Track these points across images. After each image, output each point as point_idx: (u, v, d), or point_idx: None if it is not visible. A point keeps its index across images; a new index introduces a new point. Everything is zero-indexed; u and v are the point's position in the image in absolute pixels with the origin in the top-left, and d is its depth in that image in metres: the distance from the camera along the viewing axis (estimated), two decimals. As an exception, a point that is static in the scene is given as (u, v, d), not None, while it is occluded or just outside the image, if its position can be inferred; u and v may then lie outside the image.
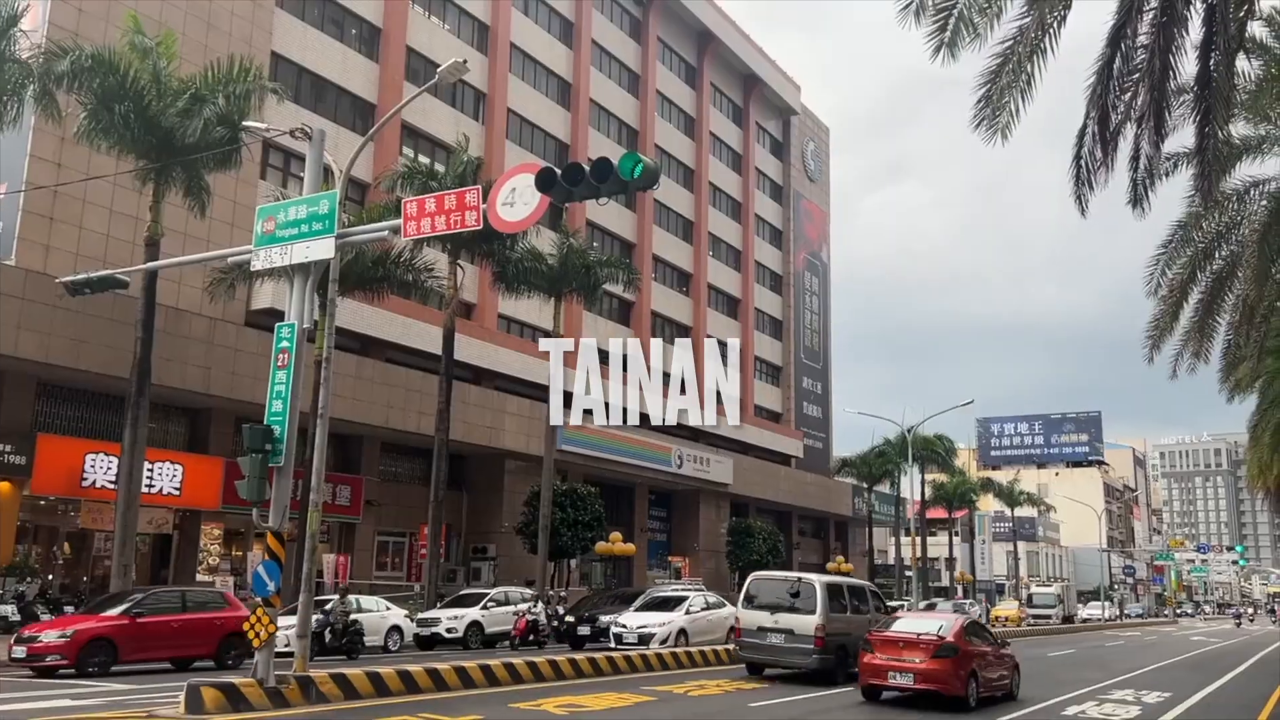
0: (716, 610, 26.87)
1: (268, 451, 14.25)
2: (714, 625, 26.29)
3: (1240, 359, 23.64)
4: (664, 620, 24.60)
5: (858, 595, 20.97)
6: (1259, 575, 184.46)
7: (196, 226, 27.26)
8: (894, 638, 16.14)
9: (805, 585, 19.32)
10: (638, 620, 24.64)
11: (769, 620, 18.84)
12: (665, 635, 23.98)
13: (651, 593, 28.95)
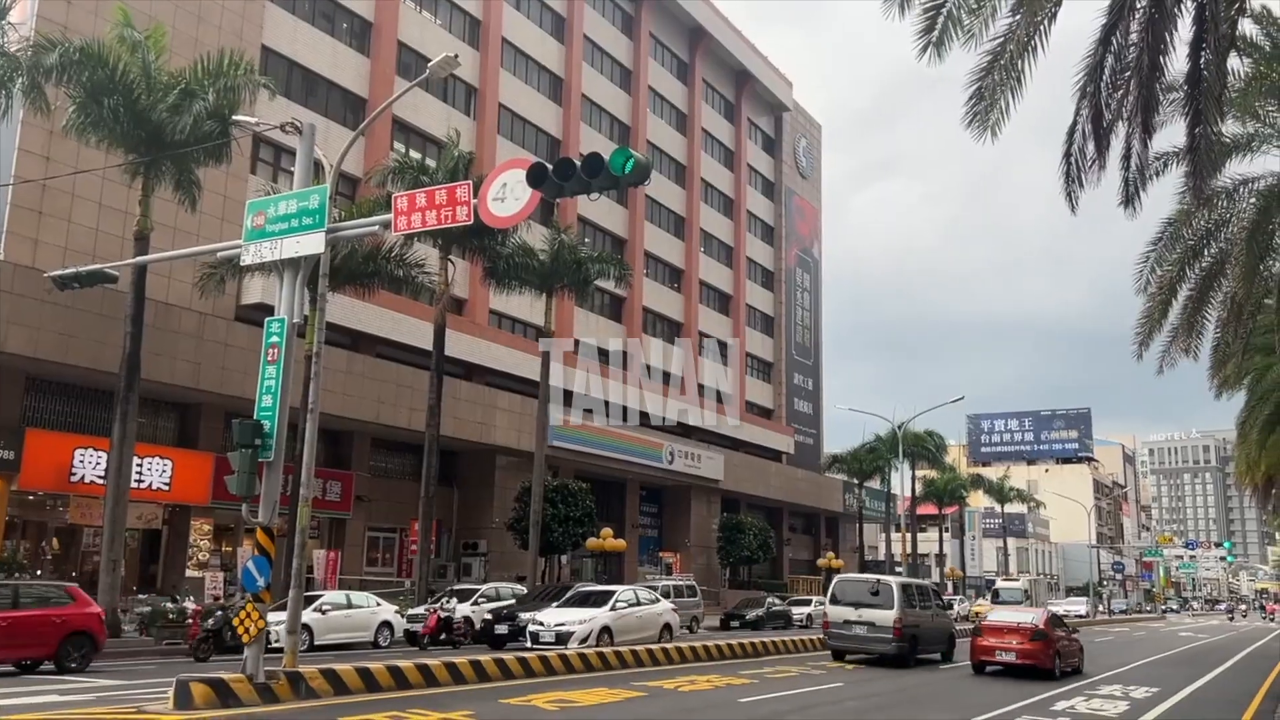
0: (648, 607, 25.13)
1: (257, 447, 14.20)
2: (645, 623, 24.58)
3: (1228, 356, 23.75)
4: (585, 617, 22.70)
5: (924, 593, 24.77)
6: (1247, 571, 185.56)
7: (186, 221, 27.16)
8: (998, 626, 21.22)
9: (884, 585, 22.89)
10: (556, 618, 22.74)
11: (853, 614, 22.29)
12: (586, 634, 22.14)
13: (579, 588, 26.88)
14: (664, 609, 25.26)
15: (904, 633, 21.76)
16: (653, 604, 25.44)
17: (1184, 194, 18.67)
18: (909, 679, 20.26)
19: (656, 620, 24.87)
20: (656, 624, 24.77)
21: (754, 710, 14.61)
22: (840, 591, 23.40)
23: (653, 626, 24.62)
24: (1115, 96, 12.40)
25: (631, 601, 24.79)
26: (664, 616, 25.25)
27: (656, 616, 24.97)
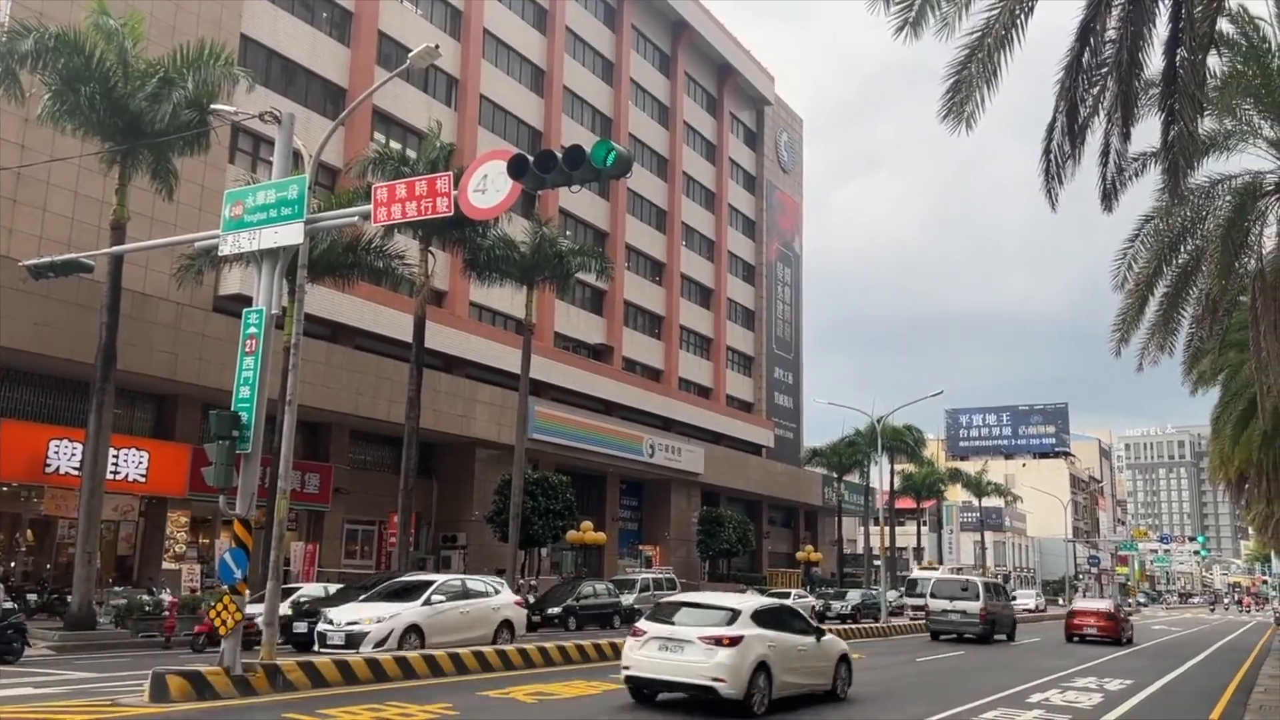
0: (479, 601, 20.90)
1: (235, 438, 14.14)
2: (472, 620, 20.36)
3: (1203, 352, 23.99)
4: (385, 614, 18.69)
5: (998, 590, 35.01)
6: (1220, 565, 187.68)
7: (164, 210, 26.92)
8: (1083, 609, 34.44)
9: (971, 583, 33.17)
10: (349, 615, 18.89)
11: (949, 605, 31.26)
12: (384, 634, 18.27)
13: (406, 578, 22.70)
14: (503, 603, 21.35)
15: (987, 618, 30.53)
16: (486, 596, 21.14)
17: (1161, 191, 18.84)
18: (882, 673, 20.46)
19: (490, 618, 20.71)
20: (490, 622, 20.63)
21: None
22: (937, 589, 32.56)
23: (484, 625, 20.47)
24: (1093, 93, 12.48)
25: (455, 593, 20.43)
26: (502, 612, 21.09)
27: (490, 613, 20.78)
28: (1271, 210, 18.44)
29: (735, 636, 12.78)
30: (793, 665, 13.79)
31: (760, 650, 12.97)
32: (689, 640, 12.83)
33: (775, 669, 13.13)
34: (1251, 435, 29.43)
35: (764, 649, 13.06)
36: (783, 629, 14.00)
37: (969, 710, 14.16)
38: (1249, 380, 23.97)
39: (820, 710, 14.02)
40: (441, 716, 12.25)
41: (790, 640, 13.96)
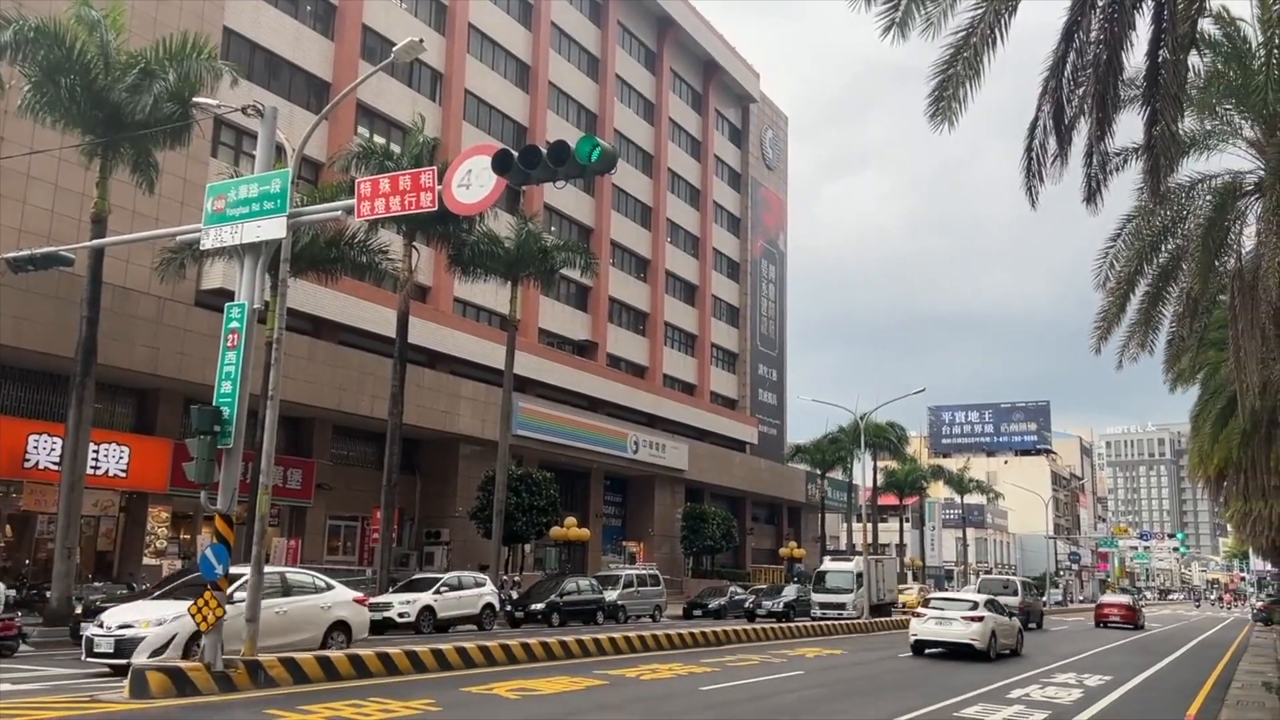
0: (301, 599, 17.55)
1: (216, 433, 14.07)
2: (293, 623, 17.05)
3: (1183, 351, 24.15)
4: (169, 615, 15.20)
5: (1033, 588, 43.70)
6: (1199, 562, 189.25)
7: (145, 204, 26.73)
8: (1109, 602, 46.81)
9: (1011, 582, 41.51)
10: (123, 617, 15.55)
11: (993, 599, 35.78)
12: (163, 640, 14.99)
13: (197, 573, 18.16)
14: (336, 600, 18.21)
15: (1023, 610, 35.40)
16: (313, 592, 18.01)
17: (1143, 190, 18.96)
18: (862, 669, 20.54)
19: (317, 619, 17.66)
20: (317, 624, 17.60)
21: (715, 698, 14.71)
22: (983, 586, 39.82)
23: (309, 627, 17.46)
24: (1076, 93, 12.54)
25: (272, 589, 16.68)
26: (335, 612, 17.99)
27: (319, 613, 17.73)
28: (1251, 210, 18.58)
29: (980, 616, 22.93)
30: (1003, 632, 24.04)
31: (991, 624, 23.07)
32: (954, 618, 22.97)
33: (997, 634, 23.31)
34: (1230, 433, 29.67)
35: (993, 623, 23.23)
36: (998, 612, 24.43)
37: (953, 705, 14.24)
38: (1228, 379, 24.17)
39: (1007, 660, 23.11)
40: (424, 713, 12.23)
41: (1000, 618, 24.21)
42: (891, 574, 43.97)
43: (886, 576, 42.17)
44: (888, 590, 41.82)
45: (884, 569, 42.26)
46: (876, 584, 39.39)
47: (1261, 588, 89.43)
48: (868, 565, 39.05)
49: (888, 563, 44.82)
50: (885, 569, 42.62)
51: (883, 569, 41.95)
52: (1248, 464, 30.06)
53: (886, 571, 42.70)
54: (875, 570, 40.13)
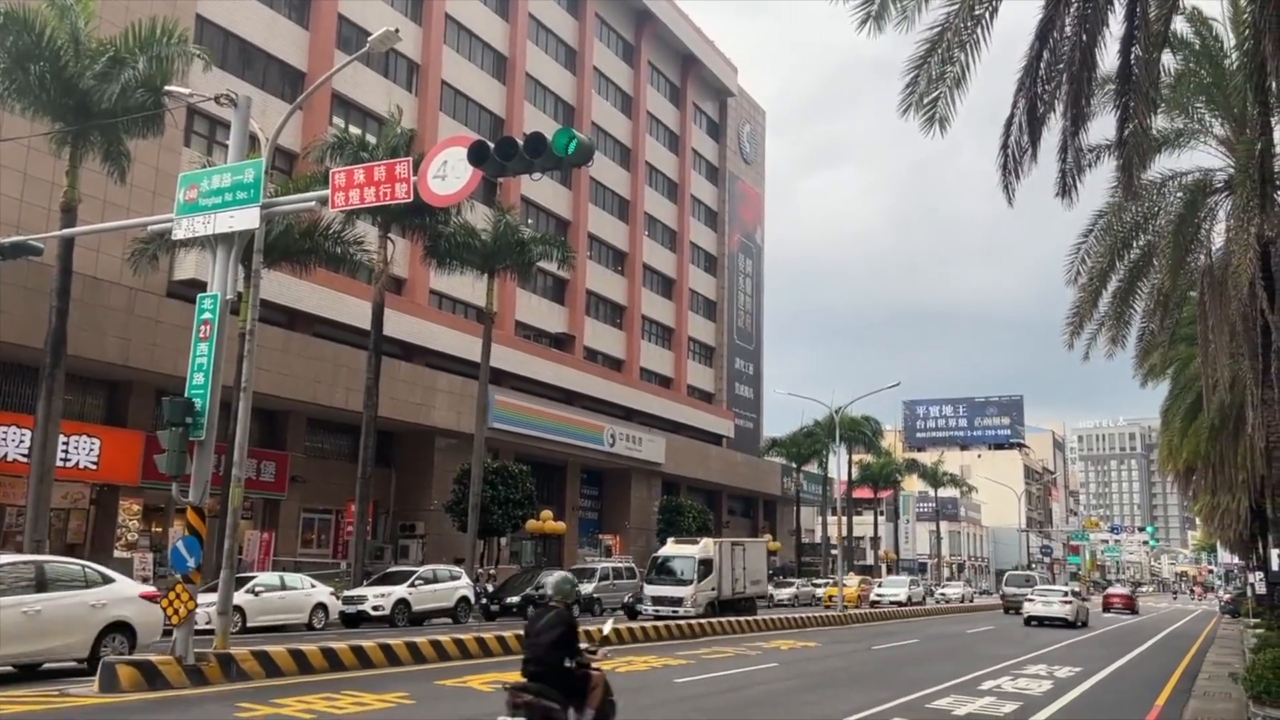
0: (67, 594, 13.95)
1: (188, 425, 13.95)
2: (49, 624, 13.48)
3: (1154, 346, 24.44)
4: None
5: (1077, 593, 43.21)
6: (1168, 555, 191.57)
7: (116, 193, 26.41)
8: (1114, 593, 60.74)
9: (1031, 576, 51.51)
10: None
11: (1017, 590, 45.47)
12: None
13: None
14: (111, 596, 14.54)
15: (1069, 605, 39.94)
16: (82, 587, 14.38)
17: (1115, 187, 19.13)
18: (835, 661, 20.70)
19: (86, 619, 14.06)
20: (88, 625, 14.04)
21: (689, 690, 14.75)
22: (1009, 580, 49.92)
23: (73, 630, 13.90)
24: (1050, 90, 12.63)
25: (21, 583, 13.65)
26: (110, 610, 14.37)
27: (87, 612, 14.09)
28: (1221, 207, 18.81)
29: (1069, 600, 36.31)
30: (1081, 611, 36.57)
31: (1075, 604, 36.09)
32: (1054, 601, 36.10)
33: (1079, 611, 35.98)
34: (1199, 428, 30.05)
35: (1076, 604, 36.19)
36: (1077, 596, 38.31)
37: (925, 697, 14.36)
38: (1198, 374, 24.45)
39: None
40: (398, 706, 12.20)
41: (1079, 601, 37.06)
42: (759, 561, 35.95)
43: (749, 564, 34.38)
44: (751, 582, 34.53)
45: (746, 555, 34.50)
46: (731, 574, 32.72)
47: (1229, 581, 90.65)
48: (719, 550, 32.48)
49: (752, 548, 36.33)
50: (749, 555, 34.81)
51: (744, 555, 34.27)
52: (1216, 459, 30.47)
53: (750, 558, 34.72)
54: (732, 557, 33.12)
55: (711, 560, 31.66)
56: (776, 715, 12.67)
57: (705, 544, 32.55)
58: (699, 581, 30.96)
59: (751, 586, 34.43)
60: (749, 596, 34.05)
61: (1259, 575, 39.50)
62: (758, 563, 35.64)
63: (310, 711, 11.48)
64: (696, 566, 31.17)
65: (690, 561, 31.47)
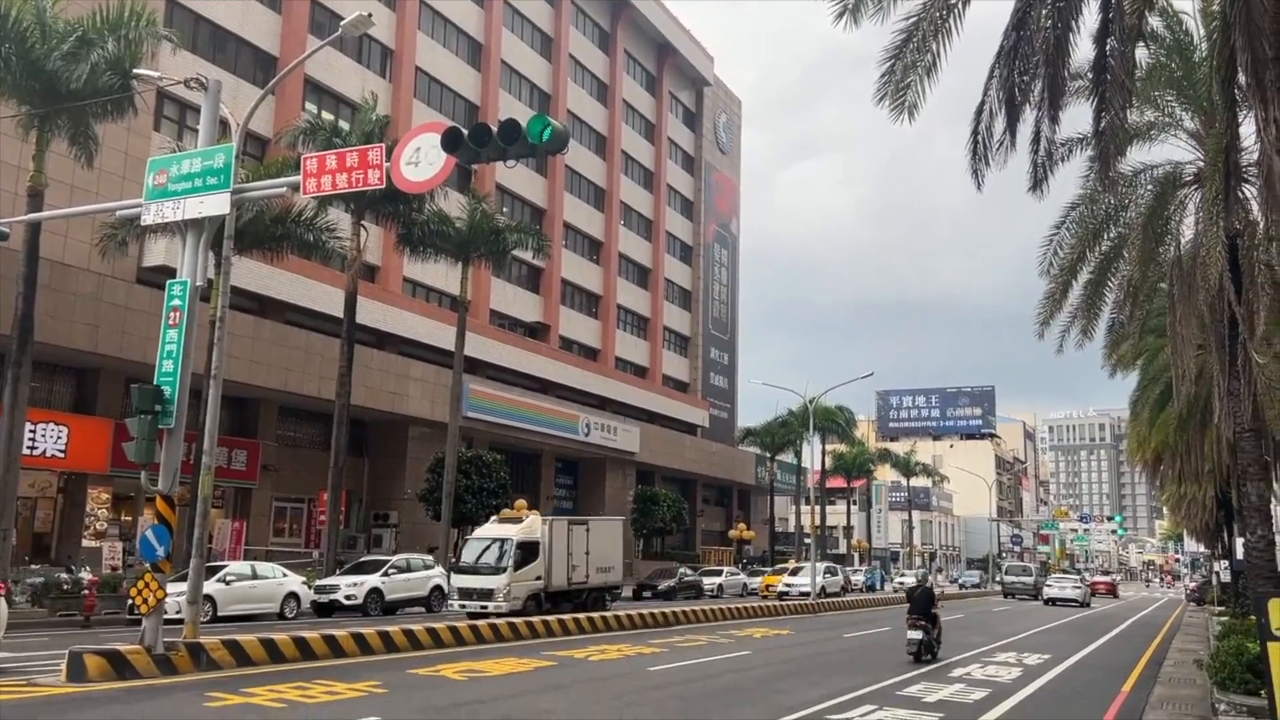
0: None
1: (158, 413, 13.81)
2: None
3: (1123, 337, 24.68)
4: None
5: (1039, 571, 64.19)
6: (1136, 544, 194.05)
7: (85, 178, 26.06)
8: (1099, 580, 73.10)
9: (1028, 567, 63.75)
10: None
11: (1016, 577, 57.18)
12: None
13: None
14: None
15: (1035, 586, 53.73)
16: None
17: (1088, 179, 19.28)
18: (808, 649, 20.83)
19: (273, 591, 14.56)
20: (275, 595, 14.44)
21: (662, 678, 14.79)
22: (1009, 569, 60.24)
23: None
24: (1025, 80, 12.69)
25: None
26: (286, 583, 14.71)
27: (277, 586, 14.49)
28: (1191, 200, 18.98)
29: (1079, 585, 51.40)
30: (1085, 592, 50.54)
31: (1085, 587, 52.43)
32: (1068, 586, 50.09)
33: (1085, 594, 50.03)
34: (1167, 418, 30.39)
35: (1085, 586, 53.30)
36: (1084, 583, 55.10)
37: (896, 684, 14.48)
38: (1166, 365, 24.73)
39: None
40: (370, 695, 12.15)
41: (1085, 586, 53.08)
42: (609, 544, 29.00)
43: (596, 548, 28.01)
44: (598, 569, 28.07)
45: (591, 537, 27.97)
46: (568, 560, 26.68)
47: (1195, 569, 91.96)
48: (550, 531, 26.29)
49: (600, 528, 29.23)
50: (595, 537, 28.17)
51: (587, 537, 27.80)
52: (1183, 448, 30.82)
53: (597, 540, 28.18)
54: (569, 539, 26.98)
55: (537, 543, 25.69)
56: (751, 702, 12.72)
57: (531, 522, 26.30)
58: (516, 569, 24.82)
59: (598, 575, 27.95)
60: (595, 588, 27.98)
61: (1224, 564, 40.13)
62: (607, 546, 28.79)
63: (282, 701, 11.41)
64: (514, 551, 24.90)
65: (505, 545, 25.16)
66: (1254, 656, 10.76)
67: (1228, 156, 14.81)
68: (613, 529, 29.96)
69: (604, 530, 29.30)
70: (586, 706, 12.13)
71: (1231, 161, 14.92)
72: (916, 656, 17.43)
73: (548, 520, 26.85)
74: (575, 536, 27.25)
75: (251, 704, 11.18)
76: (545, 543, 25.89)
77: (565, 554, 26.60)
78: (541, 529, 26.17)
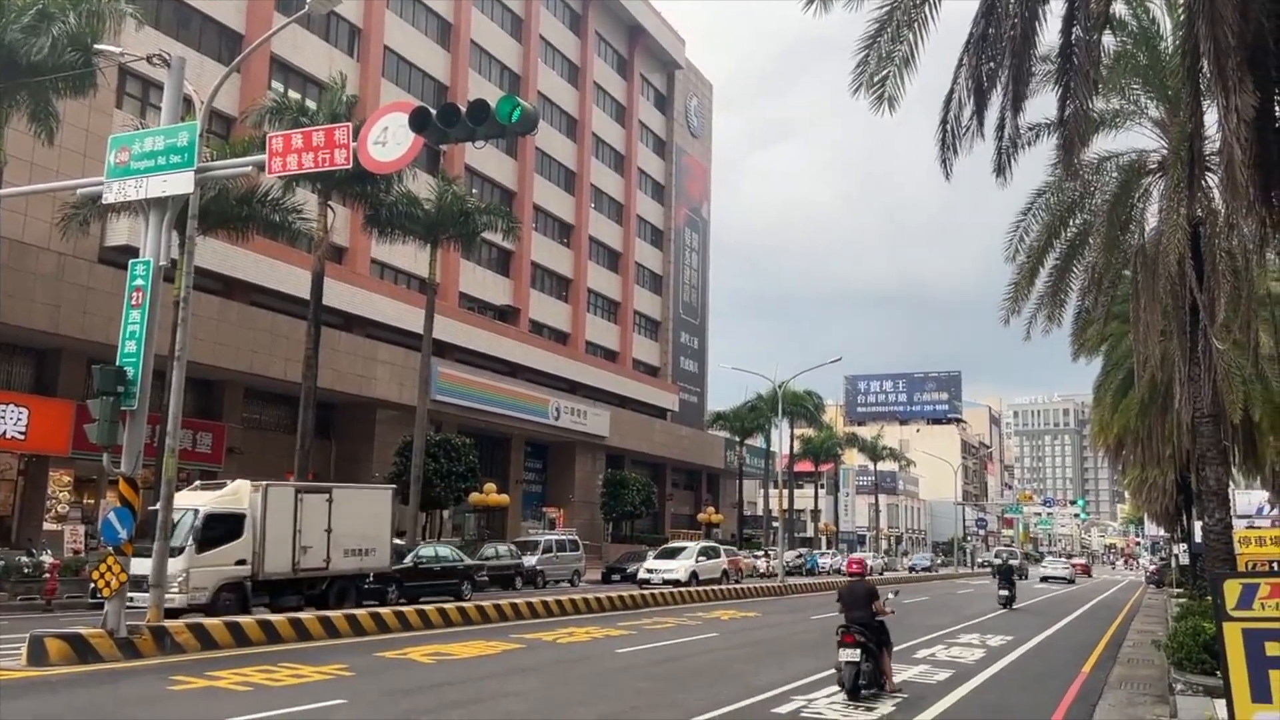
0: None
1: (120, 394, 13.65)
2: None
3: (1088, 323, 24.90)
4: None
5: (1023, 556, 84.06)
6: (1098, 528, 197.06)
7: (45, 156, 25.58)
8: (1076, 561, 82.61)
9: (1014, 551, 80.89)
10: None
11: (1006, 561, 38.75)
12: None
13: None
14: None
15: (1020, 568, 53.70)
16: None
17: (1054, 166, 19.41)
18: (775, 630, 21.01)
19: None
20: None
21: (630, 660, 14.86)
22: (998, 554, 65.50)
23: None
24: (992, 68, 12.74)
25: None
26: None
27: None
28: (1155, 187, 19.18)
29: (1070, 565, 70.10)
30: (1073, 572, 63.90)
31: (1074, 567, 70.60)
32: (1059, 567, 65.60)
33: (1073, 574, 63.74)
34: (1130, 403, 30.77)
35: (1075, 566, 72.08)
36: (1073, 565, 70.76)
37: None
38: (1129, 351, 25.02)
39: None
40: (337, 678, 12.11)
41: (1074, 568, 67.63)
42: (364, 519, 22.46)
43: (343, 525, 21.43)
44: (349, 550, 21.67)
45: (336, 511, 21.44)
46: (294, 539, 20.35)
47: (1155, 552, 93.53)
48: (265, 502, 19.85)
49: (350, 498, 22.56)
50: (342, 511, 21.56)
51: (330, 511, 21.33)
52: (1145, 433, 31.21)
53: (345, 515, 21.59)
54: (298, 512, 20.58)
55: (241, 516, 19.42)
56: (718, 682, 12.80)
57: (235, 489, 20.21)
58: (202, 550, 18.44)
59: (347, 559, 21.60)
60: (343, 575, 21.54)
61: (1183, 547, 40.81)
62: (365, 523, 22.38)
63: (247, 684, 11.34)
64: (198, 526, 18.48)
65: (187, 518, 18.49)
66: (1210, 637, 10.95)
67: (1191, 145, 14.94)
68: (374, 500, 23.76)
69: (358, 502, 22.96)
70: (555, 689, 12.17)
71: (1195, 150, 15.06)
72: None
73: (261, 487, 20.22)
74: (309, 509, 20.88)
75: (216, 687, 11.11)
76: (256, 516, 19.60)
77: (291, 531, 20.35)
78: (250, 498, 19.94)
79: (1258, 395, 24.23)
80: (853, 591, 12.16)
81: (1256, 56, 9.12)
